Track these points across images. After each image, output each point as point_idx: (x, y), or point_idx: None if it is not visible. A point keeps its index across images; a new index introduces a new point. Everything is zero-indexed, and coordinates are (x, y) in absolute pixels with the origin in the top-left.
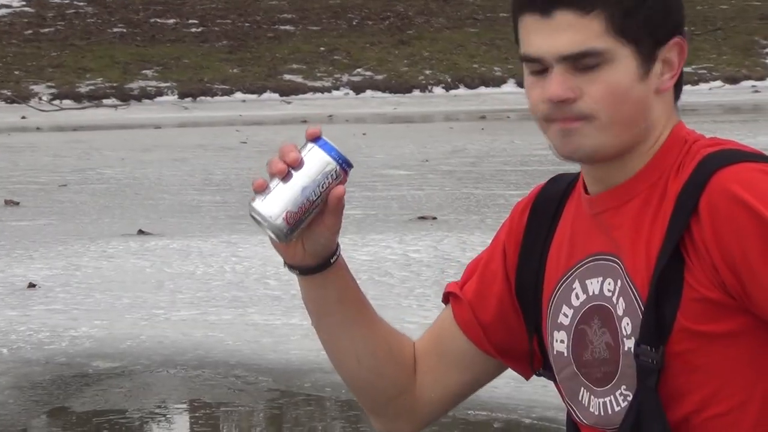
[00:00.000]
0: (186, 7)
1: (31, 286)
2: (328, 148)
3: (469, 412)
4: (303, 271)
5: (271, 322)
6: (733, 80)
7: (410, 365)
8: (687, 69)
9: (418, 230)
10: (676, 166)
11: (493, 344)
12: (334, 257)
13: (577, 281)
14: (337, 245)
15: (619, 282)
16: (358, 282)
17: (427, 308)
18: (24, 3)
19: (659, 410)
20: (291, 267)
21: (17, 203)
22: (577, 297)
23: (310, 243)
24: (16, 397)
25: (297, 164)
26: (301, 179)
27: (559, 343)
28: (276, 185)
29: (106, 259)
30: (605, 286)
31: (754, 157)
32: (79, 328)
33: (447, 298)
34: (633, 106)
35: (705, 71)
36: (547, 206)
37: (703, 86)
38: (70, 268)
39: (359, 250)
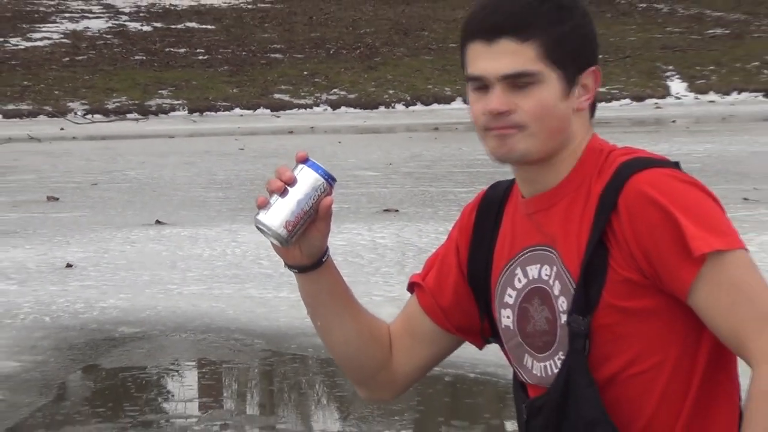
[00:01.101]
0: (194, 39)
1: (69, 266)
2: (315, 167)
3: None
4: (300, 269)
5: (264, 295)
6: (639, 99)
7: (387, 345)
8: (602, 89)
9: (384, 220)
10: (596, 172)
11: (451, 323)
12: (325, 257)
13: (519, 268)
14: (327, 247)
15: (554, 268)
16: (334, 263)
17: (390, 284)
18: (62, 36)
19: (585, 367)
20: (290, 267)
21: (57, 199)
22: (519, 281)
23: (306, 246)
24: (56, 356)
25: (291, 182)
26: (295, 194)
27: (506, 318)
28: (276, 200)
29: (130, 244)
30: (543, 272)
31: (661, 163)
32: (107, 300)
33: (412, 287)
34: (557, 120)
35: (616, 91)
36: (490, 208)
37: (614, 103)
38: (100, 252)
39: (335, 237)
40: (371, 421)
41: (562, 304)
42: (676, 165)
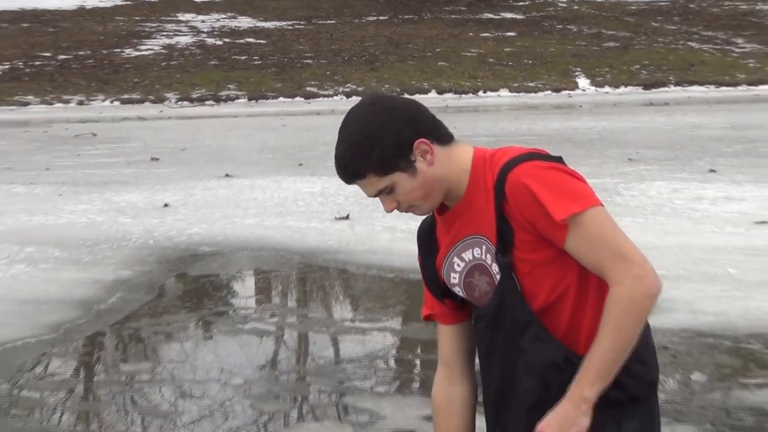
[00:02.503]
0: (251, 49)
1: (166, 205)
2: None
3: (412, 275)
4: None
5: (300, 225)
6: (556, 90)
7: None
8: (531, 84)
9: None
10: (486, 171)
11: (452, 314)
12: None
13: (455, 257)
14: None
15: (484, 247)
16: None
17: (386, 218)
18: (161, 48)
19: (514, 286)
20: None
21: (158, 159)
22: (458, 265)
23: None
24: (157, 267)
25: None
26: None
27: (459, 293)
28: None
29: (207, 190)
30: (474, 253)
31: (531, 156)
32: (192, 229)
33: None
34: (422, 188)
35: (541, 85)
36: (425, 233)
37: (540, 93)
38: (187, 195)
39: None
40: (373, 311)
41: (495, 268)
42: (559, 159)
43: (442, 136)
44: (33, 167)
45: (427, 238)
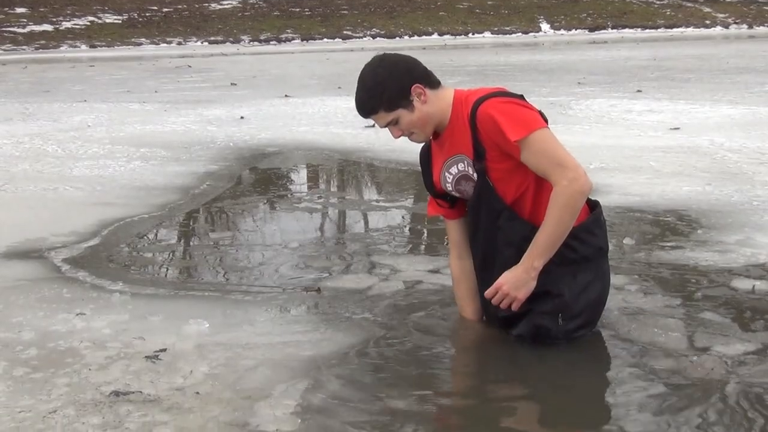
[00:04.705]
0: (304, 3)
1: (241, 118)
2: None
3: (396, 167)
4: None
5: (339, 131)
6: (525, 32)
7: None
8: (507, 28)
9: None
10: (464, 107)
11: (453, 211)
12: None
13: (445, 171)
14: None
15: (465, 161)
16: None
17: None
18: (237, 2)
19: (488, 183)
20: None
21: (235, 84)
22: (450, 175)
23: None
24: (236, 162)
25: None
26: None
27: (455, 194)
28: None
29: (272, 106)
30: (459, 167)
31: (496, 94)
32: (261, 134)
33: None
34: (419, 120)
35: (515, 29)
36: (424, 154)
37: (513, 35)
38: (257, 110)
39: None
40: (392, 194)
41: (475, 176)
42: (521, 96)
43: (432, 82)
44: (145, 90)
45: (425, 158)
